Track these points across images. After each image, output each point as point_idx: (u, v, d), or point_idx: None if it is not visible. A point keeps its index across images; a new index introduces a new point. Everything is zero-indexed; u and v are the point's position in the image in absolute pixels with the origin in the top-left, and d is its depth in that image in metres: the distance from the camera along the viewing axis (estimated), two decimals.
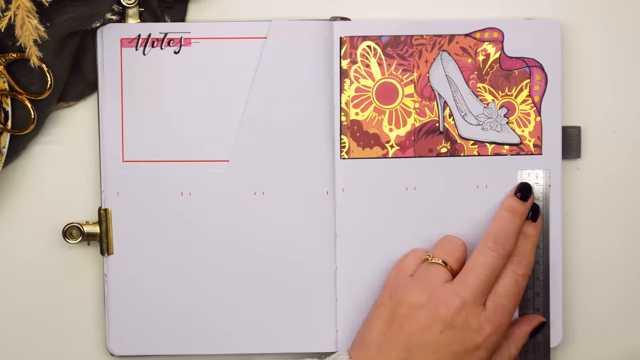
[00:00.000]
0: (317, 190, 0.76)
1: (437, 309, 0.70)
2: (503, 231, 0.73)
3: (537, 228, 0.74)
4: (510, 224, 0.73)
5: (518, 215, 0.74)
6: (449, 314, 0.70)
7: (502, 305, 0.71)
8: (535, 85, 0.76)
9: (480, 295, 0.71)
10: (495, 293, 0.71)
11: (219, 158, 0.76)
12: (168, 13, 0.76)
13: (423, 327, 0.70)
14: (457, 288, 0.71)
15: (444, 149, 0.76)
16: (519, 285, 0.72)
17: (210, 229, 0.76)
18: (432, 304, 0.70)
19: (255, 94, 0.76)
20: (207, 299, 0.76)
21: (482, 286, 0.71)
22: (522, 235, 0.74)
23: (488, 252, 0.72)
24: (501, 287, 0.72)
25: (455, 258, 0.73)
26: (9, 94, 0.73)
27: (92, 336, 0.78)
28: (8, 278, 0.77)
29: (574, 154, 0.77)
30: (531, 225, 0.74)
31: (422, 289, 0.71)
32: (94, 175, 0.77)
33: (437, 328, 0.70)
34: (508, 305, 0.71)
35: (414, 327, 0.70)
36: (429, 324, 0.70)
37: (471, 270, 0.71)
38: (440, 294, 0.70)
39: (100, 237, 0.76)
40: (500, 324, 0.71)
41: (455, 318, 0.70)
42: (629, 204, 0.78)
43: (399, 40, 0.75)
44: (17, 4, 0.67)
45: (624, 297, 0.78)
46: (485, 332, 0.70)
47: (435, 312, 0.70)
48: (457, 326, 0.70)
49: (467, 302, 0.70)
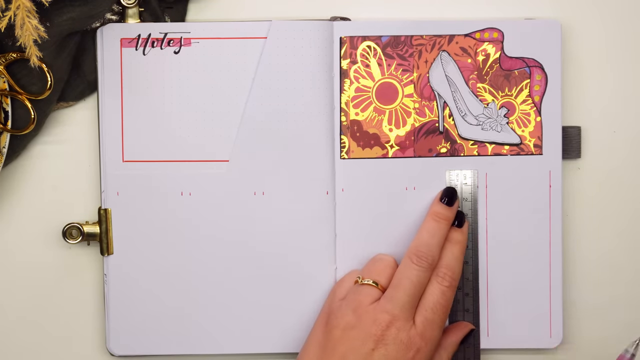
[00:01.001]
0: (317, 190, 0.76)
1: (368, 327, 0.71)
2: (426, 243, 0.73)
3: (464, 234, 0.74)
4: (434, 234, 0.73)
5: (444, 223, 0.74)
6: (379, 331, 0.70)
7: (430, 319, 0.72)
8: (535, 85, 0.76)
9: (409, 310, 0.71)
10: (422, 307, 0.72)
11: (219, 158, 0.76)
12: (168, 13, 0.76)
13: (355, 346, 0.70)
14: (385, 305, 0.71)
15: (444, 149, 0.76)
16: (445, 297, 0.72)
17: (210, 229, 0.76)
18: (363, 323, 0.71)
19: (255, 94, 0.76)
20: (207, 299, 0.76)
21: (410, 301, 0.71)
22: (448, 243, 0.74)
23: (412, 267, 0.72)
24: (429, 300, 0.72)
25: (385, 277, 0.73)
26: (9, 94, 0.73)
27: (92, 336, 0.78)
28: (8, 278, 0.77)
29: (574, 154, 0.77)
30: (457, 231, 0.74)
31: (353, 310, 0.72)
32: (94, 175, 0.77)
33: (369, 346, 0.70)
34: (436, 318, 0.72)
35: (347, 348, 0.71)
36: (361, 343, 0.70)
37: (397, 285, 0.72)
38: (370, 313, 0.71)
39: (100, 237, 0.76)
40: (430, 337, 0.71)
41: (385, 335, 0.70)
42: (629, 204, 0.78)
43: (399, 40, 0.75)
44: (17, 4, 0.67)
45: (624, 297, 0.78)
46: (417, 346, 0.71)
47: (366, 331, 0.70)
48: (389, 342, 0.70)
49: (396, 318, 0.71)
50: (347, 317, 0.71)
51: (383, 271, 0.73)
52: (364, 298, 0.72)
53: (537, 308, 0.76)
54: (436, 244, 0.73)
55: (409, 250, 0.73)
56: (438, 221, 0.74)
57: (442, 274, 0.73)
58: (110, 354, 0.77)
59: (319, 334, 0.73)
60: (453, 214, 0.74)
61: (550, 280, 0.76)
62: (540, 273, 0.76)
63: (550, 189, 0.76)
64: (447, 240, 0.74)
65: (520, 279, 0.76)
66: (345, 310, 0.72)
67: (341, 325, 0.71)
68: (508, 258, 0.76)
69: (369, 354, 0.70)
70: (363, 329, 0.71)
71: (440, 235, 0.73)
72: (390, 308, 0.71)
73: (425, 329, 0.71)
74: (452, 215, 0.74)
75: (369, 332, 0.71)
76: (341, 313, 0.72)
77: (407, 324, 0.71)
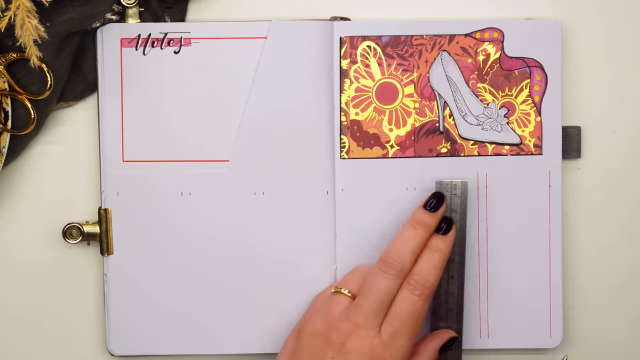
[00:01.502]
0: (317, 190, 0.76)
1: (330, 335, 0.70)
2: (398, 250, 0.71)
3: (447, 242, 0.72)
4: (409, 241, 0.72)
5: (423, 230, 0.72)
6: (339, 340, 0.70)
7: (396, 329, 0.70)
8: (535, 85, 0.76)
9: (374, 319, 0.70)
10: (390, 316, 0.71)
11: (219, 158, 0.76)
12: (168, 13, 0.76)
13: (316, 354, 0.70)
14: (350, 314, 0.71)
15: (444, 149, 0.76)
16: (416, 307, 0.70)
17: (210, 229, 0.76)
18: (327, 331, 0.71)
19: (255, 94, 0.76)
20: (206, 299, 0.76)
21: (375, 309, 0.70)
22: (427, 250, 0.72)
23: (380, 275, 0.71)
24: (396, 310, 0.71)
25: (360, 285, 0.72)
26: (9, 94, 0.73)
27: (92, 336, 0.78)
28: (8, 278, 0.77)
29: (574, 154, 0.77)
30: (439, 238, 0.72)
31: (322, 317, 0.71)
32: (94, 175, 0.77)
33: (329, 354, 0.70)
34: (404, 328, 0.70)
35: (309, 355, 0.71)
36: (322, 351, 0.70)
37: (364, 294, 0.71)
38: (335, 321, 0.71)
39: (100, 237, 0.76)
40: (396, 347, 0.70)
41: (346, 343, 0.70)
42: (629, 204, 0.78)
43: (399, 40, 0.75)
44: (17, 4, 0.67)
45: (624, 296, 0.78)
46: (379, 357, 0.70)
47: (329, 339, 0.70)
48: (349, 351, 0.70)
49: (359, 327, 0.70)
50: (316, 325, 0.71)
51: (358, 280, 0.73)
52: (334, 307, 0.72)
53: (537, 308, 0.76)
54: (409, 252, 0.71)
55: (379, 258, 0.72)
56: (415, 228, 0.72)
57: (414, 282, 0.71)
58: (110, 354, 0.77)
59: (292, 341, 0.73)
60: (435, 220, 0.73)
61: (550, 280, 0.76)
62: (540, 273, 0.76)
63: (550, 189, 0.76)
64: (427, 247, 0.72)
65: (520, 279, 0.76)
66: (315, 318, 0.72)
67: (309, 332, 0.71)
68: (508, 258, 0.76)
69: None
70: (326, 337, 0.70)
71: (415, 243, 0.72)
72: (354, 317, 0.70)
73: (391, 339, 0.70)
74: (433, 222, 0.72)
75: (330, 340, 0.70)
76: (312, 321, 0.72)
77: (371, 333, 0.70)
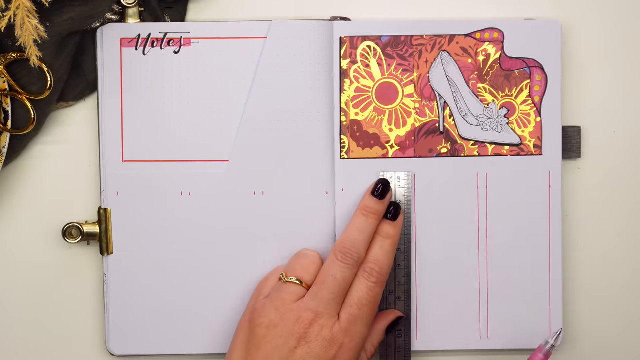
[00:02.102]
0: (317, 190, 0.76)
1: (291, 326, 0.70)
2: (352, 238, 0.72)
3: (397, 228, 0.73)
4: (362, 229, 0.72)
5: (373, 217, 0.73)
6: (301, 329, 0.70)
7: (355, 315, 0.71)
8: (536, 86, 0.76)
9: (333, 307, 0.71)
10: (348, 303, 0.71)
11: (219, 158, 0.76)
12: (168, 13, 0.76)
13: (278, 345, 0.70)
14: (308, 303, 0.71)
15: (444, 149, 0.76)
16: (372, 293, 0.71)
17: (210, 229, 0.76)
18: (286, 321, 0.70)
19: (255, 94, 0.76)
20: (207, 299, 0.76)
21: (334, 298, 0.71)
22: (378, 236, 0.73)
23: (337, 263, 0.71)
24: (354, 297, 0.71)
25: (310, 273, 0.73)
26: (9, 94, 0.72)
27: (92, 336, 0.78)
28: (8, 278, 0.77)
29: (574, 154, 0.77)
30: (389, 224, 0.73)
31: (276, 308, 0.71)
32: (94, 175, 0.77)
33: (292, 344, 0.70)
34: (362, 314, 0.71)
35: (270, 347, 0.70)
36: (284, 342, 0.70)
37: (321, 283, 0.71)
38: (294, 311, 0.71)
39: (100, 237, 0.76)
40: (355, 332, 0.71)
41: (308, 332, 0.70)
42: (629, 204, 0.78)
43: (399, 40, 0.75)
44: (17, 4, 0.67)
45: (624, 296, 0.78)
46: (340, 342, 0.70)
47: (289, 329, 0.70)
48: (311, 340, 0.70)
49: (319, 315, 0.70)
50: (271, 315, 0.71)
51: (308, 268, 0.73)
52: (287, 296, 0.71)
53: (537, 308, 0.76)
54: (363, 240, 0.72)
55: (334, 246, 0.72)
56: (367, 216, 0.73)
57: (369, 270, 0.72)
58: (110, 353, 0.77)
59: (243, 333, 0.72)
60: (384, 207, 0.73)
61: (550, 280, 0.76)
62: (540, 273, 0.76)
63: (550, 189, 0.76)
64: (377, 234, 0.73)
65: (520, 280, 0.76)
66: (268, 309, 0.71)
67: (264, 323, 0.71)
68: (508, 258, 0.76)
69: (292, 352, 0.70)
70: (286, 328, 0.70)
71: (368, 232, 0.72)
72: (314, 306, 0.71)
73: (350, 325, 0.71)
74: (382, 209, 0.73)
75: (292, 331, 0.70)
76: (265, 311, 0.71)
77: (331, 321, 0.71)
